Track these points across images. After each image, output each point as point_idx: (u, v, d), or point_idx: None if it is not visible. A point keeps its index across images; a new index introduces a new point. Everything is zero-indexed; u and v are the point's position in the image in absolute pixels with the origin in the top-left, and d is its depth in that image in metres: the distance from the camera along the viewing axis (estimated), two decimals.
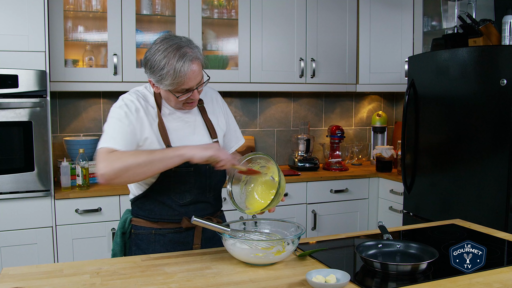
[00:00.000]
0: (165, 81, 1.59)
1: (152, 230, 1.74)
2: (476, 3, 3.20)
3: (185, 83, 1.60)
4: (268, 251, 1.46)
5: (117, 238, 1.79)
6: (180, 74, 1.56)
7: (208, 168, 1.73)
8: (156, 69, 1.58)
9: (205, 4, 3.29)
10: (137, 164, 1.50)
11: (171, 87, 1.61)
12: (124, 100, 1.68)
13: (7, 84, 2.57)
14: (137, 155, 1.54)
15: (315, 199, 3.36)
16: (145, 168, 1.51)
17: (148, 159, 1.52)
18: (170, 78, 1.57)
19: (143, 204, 1.74)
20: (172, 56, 1.56)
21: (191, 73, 1.58)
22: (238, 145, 1.97)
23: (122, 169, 1.49)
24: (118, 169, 1.49)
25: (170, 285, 1.33)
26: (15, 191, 2.62)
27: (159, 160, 1.52)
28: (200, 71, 1.62)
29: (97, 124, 3.34)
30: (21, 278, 1.36)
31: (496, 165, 2.47)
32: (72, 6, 3.03)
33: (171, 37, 1.62)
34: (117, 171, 1.49)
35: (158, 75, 1.59)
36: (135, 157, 1.52)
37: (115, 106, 1.68)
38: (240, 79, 3.34)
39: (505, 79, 2.40)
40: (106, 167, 1.50)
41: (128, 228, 1.79)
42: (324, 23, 3.55)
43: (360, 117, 4.16)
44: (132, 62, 3.06)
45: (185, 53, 1.57)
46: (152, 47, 1.62)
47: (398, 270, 1.39)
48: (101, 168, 1.51)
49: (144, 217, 1.75)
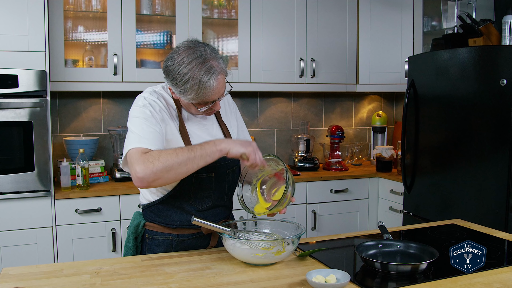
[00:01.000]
0: (188, 94, 1.53)
1: (169, 236, 1.69)
2: (476, 3, 3.20)
3: (209, 98, 1.55)
4: (268, 251, 1.46)
5: (129, 243, 1.73)
6: (205, 91, 1.51)
7: (228, 173, 1.72)
8: (180, 82, 1.51)
9: (205, 4, 3.29)
10: (178, 163, 1.43)
11: (194, 101, 1.56)
12: (147, 99, 1.60)
13: (7, 84, 2.57)
14: (177, 153, 1.44)
15: (315, 199, 3.36)
16: (187, 166, 1.44)
17: (189, 156, 1.44)
18: (194, 93, 1.52)
19: (159, 210, 1.69)
20: (197, 70, 1.49)
21: (215, 88, 1.53)
22: None
23: (164, 169, 1.41)
24: (159, 169, 1.41)
25: (170, 285, 1.33)
26: (15, 191, 2.62)
27: (199, 156, 1.45)
28: (224, 83, 1.57)
29: (97, 124, 3.34)
30: (21, 278, 1.36)
31: (496, 165, 2.47)
32: (72, 6, 3.03)
33: (196, 47, 1.53)
34: (158, 172, 1.41)
35: (181, 88, 1.52)
36: (176, 156, 1.43)
37: (139, 106, 1.59)
38: (240, 79, 3.34)
39: (505, 79, 2.40)
40: (146, 169, 1.41)
41: (141, 232, 1.73)
42: (324, 23, 3.55)
43: (360, 117, 4.16)
44: (132, 62, 3.06)
45: (211, 67, 1.50)
46: (175, 56, 1.53)
47: (398, 270, 1.39)
48: (139, 171, 1.41)
49: (161, 223, 1.70)
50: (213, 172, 1.67)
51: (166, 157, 1.43)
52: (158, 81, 3.03)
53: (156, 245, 1.71)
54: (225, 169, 1.71)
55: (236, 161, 1.76)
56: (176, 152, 1.45)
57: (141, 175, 1.41)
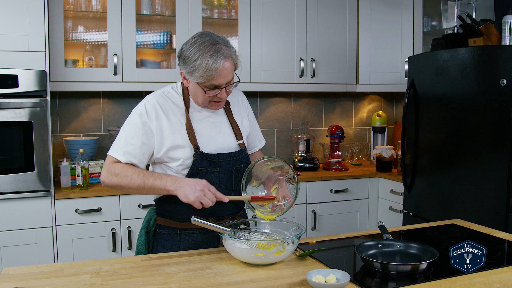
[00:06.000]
0: (196, 73, 1.60)
1: (177, 230, 1.75)
2: (476, 3, 3.20)
3: (215, 79, 1.61)
4: (268, 251, 1.46)
5: (141, 237, 1.81)
6: (212, 68, 1.58)
7: (235, 169, 1.76)
8: (189, 60, 1.61)
9: (205, 4, 3.29)
10: (129, 186, 1.64)
11: (201, 80, 1.62)
12: (146, 106, 1.70)
13: (7, 84, 2.57)
14: (132, 177, 1.63)
15: (315, 199, 3.36)
16: (136, 191, 1.65)
17: (140, 184, 1.63)
18: (201, 71, 1.59)
19: (168, 204, 1.75)
20: (207, 50, 1.59)
21: (222, 69, 1.60)
22: (261, 145, 2.02)
23: (116, 185, 1.66)
24: (113, 183, 1.66)
25: (170, 285, 1.33)
26: (15, 191, 2.62)
27: (149, 188, 1.63)
28: (231, 70, 1.64)
29: (97, 124, 3.34)
30: (21, 278, 1.36)
31: (496, 165, 2.47)
32: (72, 6, 3.03)
33: (210, 33, 1.65)
34: (113, 185, 1.67)
35: (190, 66, 1.61)
36: (130, 179, 1.63)
37: (135, 112, 1.71)
38: (240, 78, 3.33)
39: (505, 79, 2.40)
40: (106, 177, 1.67)
41: (152, 227, 1.80)
42: (324, 23, 3.55)
43: (360, 117, 4.16)
44: (132, 62, 3.06)
45: (219, 49, 1.59)
46: (189, 40, 1.65)
47: (398, 270, 1.39)
48: (102, 175, 1.69)
49: (169, 217, 1.76)
50: (218, 167, 1.72)
51: (122, 177, 1.64)
52: (158, 81, 3.06)
53: (166, 239, 1.76)
54: (232, 165, 1.75)
55: (244, 159, 1.79)
56: (133, 176, 1.64)
57: (102, 179, 1.69)
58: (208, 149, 1.72)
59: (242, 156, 1.80)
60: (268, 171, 1.75)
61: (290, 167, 1.68)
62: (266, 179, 1.74)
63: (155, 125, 1.67)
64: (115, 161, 1.68)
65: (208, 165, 1.70)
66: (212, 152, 1.72)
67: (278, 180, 1.71)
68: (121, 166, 1.66)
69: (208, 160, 1.70)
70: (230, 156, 1.75)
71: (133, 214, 2.87)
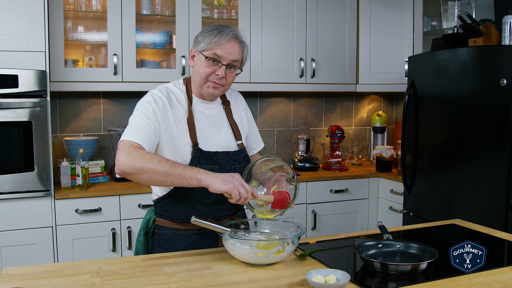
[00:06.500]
0: (205, 39, 1.67)
1: (176, 231, 1.75)
2: (476, 3, 3.20)
3: (219, 47, 1.65)
4: (268, 251, 1.46)
5: (140, 237, 1.80)
6: (219, 36, 1.64)
7: (234, 168, 1.76)
8: (200, 35, 1.69)
9: (205, 4, 3.29)
10: (155, 171, 1.50)
11: (207, 47, 1.66)
12: (153, 96, 1.69)
13: (7, 84, 2.57)
14: (159, 162, 1.51)
15: (315, 199, 3.36)
16: (162, 177, 1.52)
17: (168, 170, 1.51)
18: (208, 38, 1.65)
19: (167, 204, 1.75)
20: (219, 27, 1.69)
21: (229, 41, 1.65)
22: (259, 148, 2.02)
23: (140, 169, 1.50)
24: (136, 167, 1.50)
25: (170, 285, 1.33)
26: (15, 191, 2.62)
27: (177, 175, 1.51)
28: (238, 50, 1.68)
29: (97, 124, 3.34)
30: (21, 278, 1.36)
31: (496, 165, 2.47)
32: (72, 6, 3.03)
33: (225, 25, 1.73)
34: (135, 170, 1.51)
35: (201, 37, 1.68)
36: (157, 164, 1.51)
37: (144, 100, 1.69)
38: (240, 79, 3.33)
39: (505, 79, 2.40)
40: (127, 161, 1.51)
41: (151, 227, 1.79)
42: (324, 23, 3.55)
43: (360, 117, 4.16)
44: (132, 62, 3.06)
45: (233, 29, 1.69)
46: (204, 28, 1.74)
47: (398, 270, 1.39)
48: (121, 160, 1.52)
49: (168, 218, 1.76)
50: (216, 165, 1.72)
51: (147, 160, 1.51)
52: (158, 81, 3.06)
53: (165, 240, 1.76)
54: (231, 164, 1.75)
55: (244, 158, 1.79)
56: (159, 161, 1.52)
57: (121, 165, 1.52)
58: (207, 147, 1.72)
59: (242, 155, 1.80)
60: (268, 171, 1.75)
61: (290, 167, 1.68)
62: (266, 179, 1.74)
63: (162, 114, 1.67)
64: (135, 146, 1.57)
65: (206, 162, 1.69)
66: (211, 150, 1.72)
67: (278, 181, 1.71)
68: (144, 152, 1.56)
69: (206, 157, 1.70)
70: (229, 155, 1.76)
71: (133, 214, 2.87)
